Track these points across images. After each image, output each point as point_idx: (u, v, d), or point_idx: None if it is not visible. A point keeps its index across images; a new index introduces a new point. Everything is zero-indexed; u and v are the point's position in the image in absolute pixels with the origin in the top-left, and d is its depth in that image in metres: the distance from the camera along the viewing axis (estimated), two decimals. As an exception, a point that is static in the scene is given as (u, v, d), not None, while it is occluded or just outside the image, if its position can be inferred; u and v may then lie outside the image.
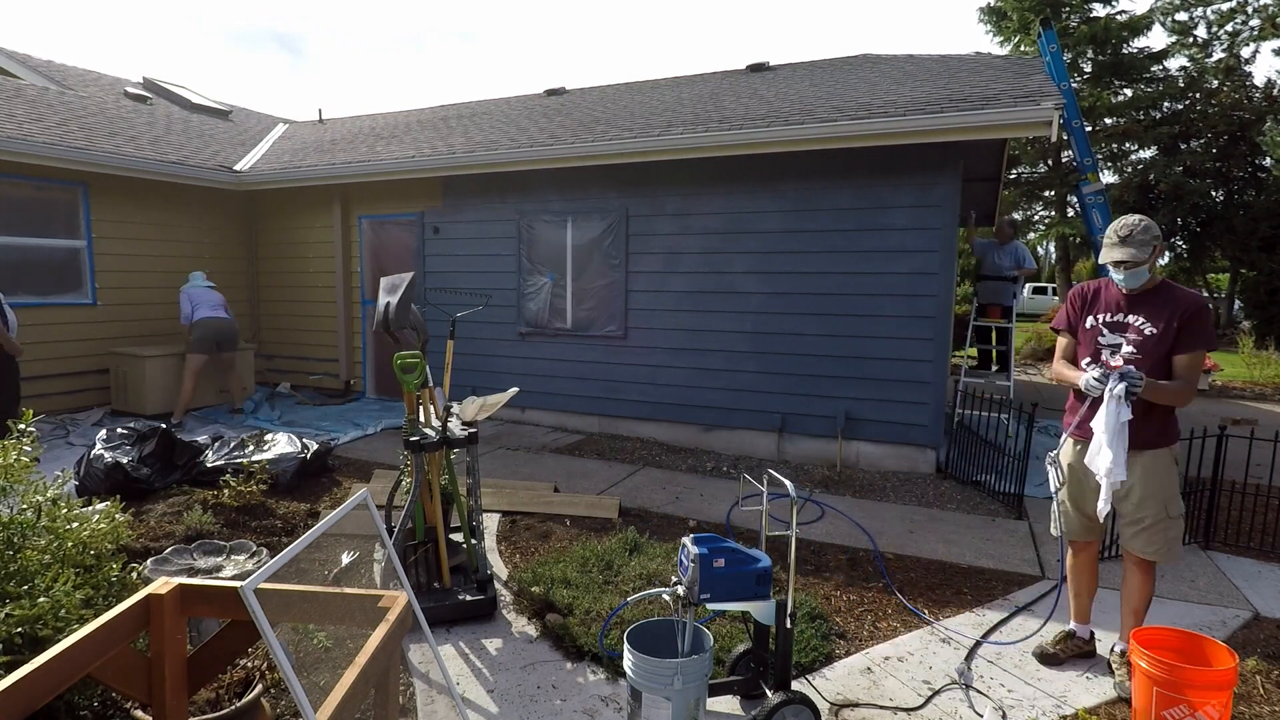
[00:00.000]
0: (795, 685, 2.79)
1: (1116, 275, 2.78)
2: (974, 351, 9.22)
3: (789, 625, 2.44)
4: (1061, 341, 3.04)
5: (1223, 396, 10.36)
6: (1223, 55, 20.34)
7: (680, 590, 2.42)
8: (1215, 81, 19.82)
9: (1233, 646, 2.64)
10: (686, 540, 2.46)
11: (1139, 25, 20.18)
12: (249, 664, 2.36)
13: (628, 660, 2.31)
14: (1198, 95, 19.79)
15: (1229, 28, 20.26)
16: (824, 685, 2.84)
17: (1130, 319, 2.77)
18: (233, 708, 2.12)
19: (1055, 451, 2.97)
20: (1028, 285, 28.35)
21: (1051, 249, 27.77)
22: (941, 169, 5.54)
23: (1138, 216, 2.75)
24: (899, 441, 5.84)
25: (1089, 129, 19.94)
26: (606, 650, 2.92)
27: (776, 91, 7.14)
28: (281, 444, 5.30)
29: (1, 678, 1.41)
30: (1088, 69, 20.95)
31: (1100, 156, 20.39)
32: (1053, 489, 2.97)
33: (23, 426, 2.49)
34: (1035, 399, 9.09)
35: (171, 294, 8.28)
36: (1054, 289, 28.06)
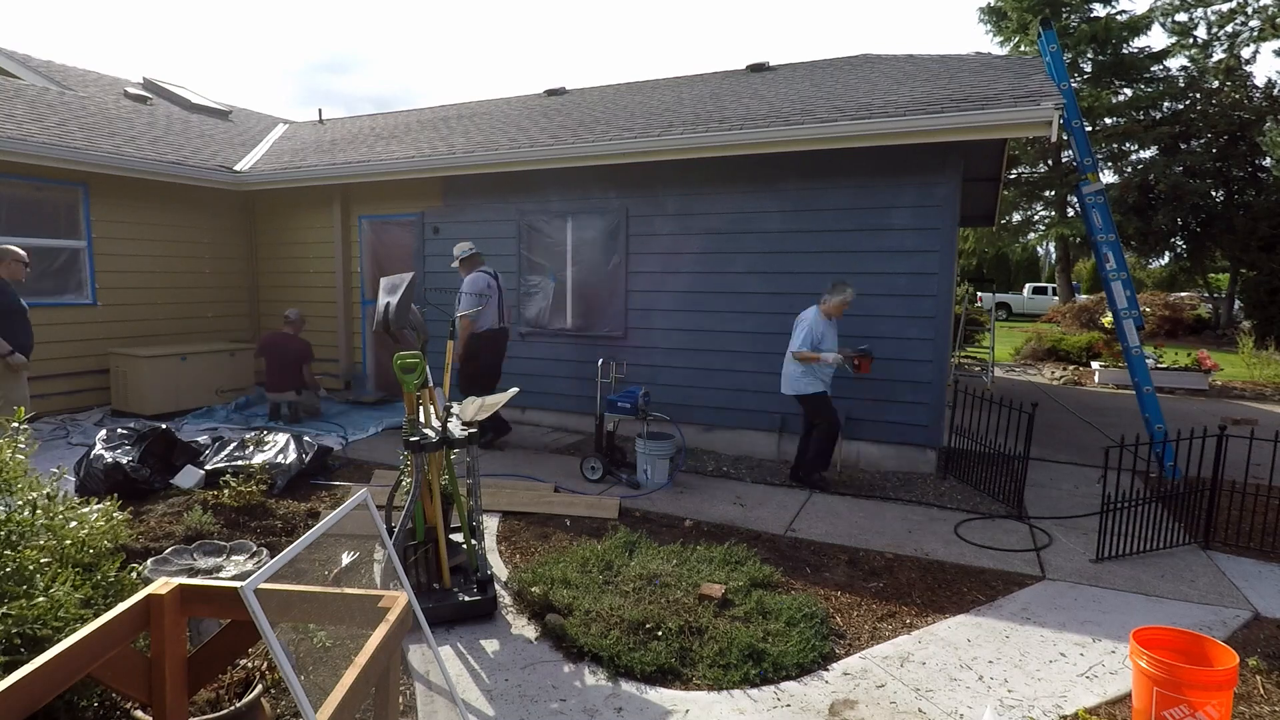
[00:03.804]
0: (794, 685, 2.81)
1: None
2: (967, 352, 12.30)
3: None
4: None
5: (1223, 396, 10.36)
6: (1223, 55, 20.34)
7: None
8: (1215, 81, 19.82)
9: (1233, 646, 2.64)
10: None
11: (1139, 25, 20.21)
12: (249, 664, 2.35)
13: None
14: (1198, 95, 19.80)
15: (1229, 28, 20.27)
16: (823, 685, 2.84)
17: None
18: (233, 708, 2.12)
19: None
20: (1027, 285, 31.53)
21: (1051, 249, 27.77)
22: (942, 169, 5.54)
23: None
24: (899, 441, 5.84)
25: (1089, 129, 19.96)
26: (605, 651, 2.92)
27: (776, 91, 7.14)
28: (281, 444, 5.30)
29: (1, 678, 1.41)
30: (1088, 69, 20.97)
31: (1100, 156, 20.40)
32: None
33: (19, 425, 2.49)
34: (1036, 398, 9.12)
35: (172, 294, 8.29)
36: (1054, 289, 28.08)
